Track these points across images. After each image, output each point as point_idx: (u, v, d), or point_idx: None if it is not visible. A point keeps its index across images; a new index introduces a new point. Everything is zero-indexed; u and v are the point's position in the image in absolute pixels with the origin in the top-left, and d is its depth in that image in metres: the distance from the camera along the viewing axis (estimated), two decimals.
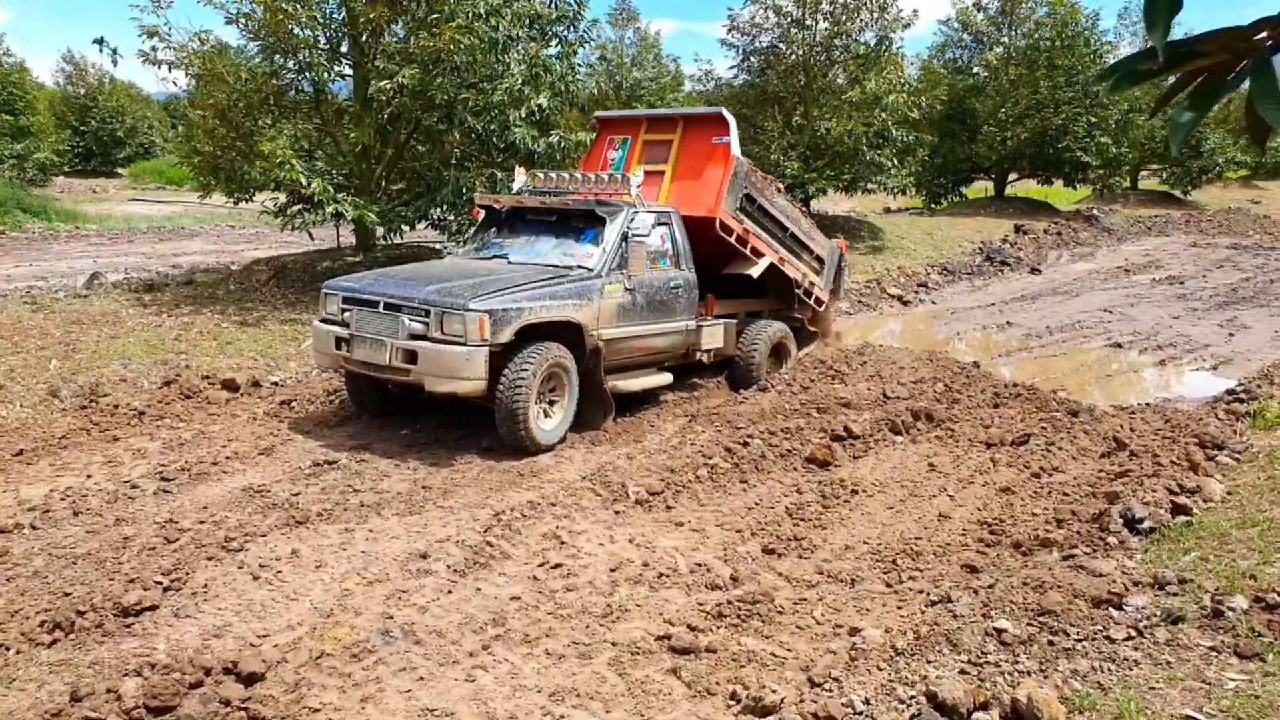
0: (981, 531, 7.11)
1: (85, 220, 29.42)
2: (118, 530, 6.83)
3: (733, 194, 11.09)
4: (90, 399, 9.96)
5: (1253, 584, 5.36)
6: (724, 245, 11.23)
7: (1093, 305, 19.44)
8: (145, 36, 14.67)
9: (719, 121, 11.51)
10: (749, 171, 11.52)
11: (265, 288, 15.76)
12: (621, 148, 12.23)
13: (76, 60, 52.67)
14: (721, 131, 11.42)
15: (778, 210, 11.97)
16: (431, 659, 5.17)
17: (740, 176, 11.21)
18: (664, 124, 12.17)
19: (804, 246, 12.49)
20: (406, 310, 8.75)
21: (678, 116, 12.24)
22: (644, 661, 5.16)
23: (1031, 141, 34.17)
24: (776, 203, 12.01)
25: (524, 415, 8.65)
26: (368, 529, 7.00)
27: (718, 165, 11.27)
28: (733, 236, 11.10)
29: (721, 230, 10.94)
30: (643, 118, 12.70)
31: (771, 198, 11.92)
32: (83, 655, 5.14)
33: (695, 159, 11.55)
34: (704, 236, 10.97)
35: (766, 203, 11.74)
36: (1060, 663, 4.77)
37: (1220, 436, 8.99)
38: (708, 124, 11.69)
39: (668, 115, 12.60)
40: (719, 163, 11.27)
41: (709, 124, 11.67)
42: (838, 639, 5.42)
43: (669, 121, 12.16)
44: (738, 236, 11.16)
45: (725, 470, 8.40)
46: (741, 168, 11.26)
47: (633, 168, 11.07)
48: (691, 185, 11.38)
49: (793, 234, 12.23)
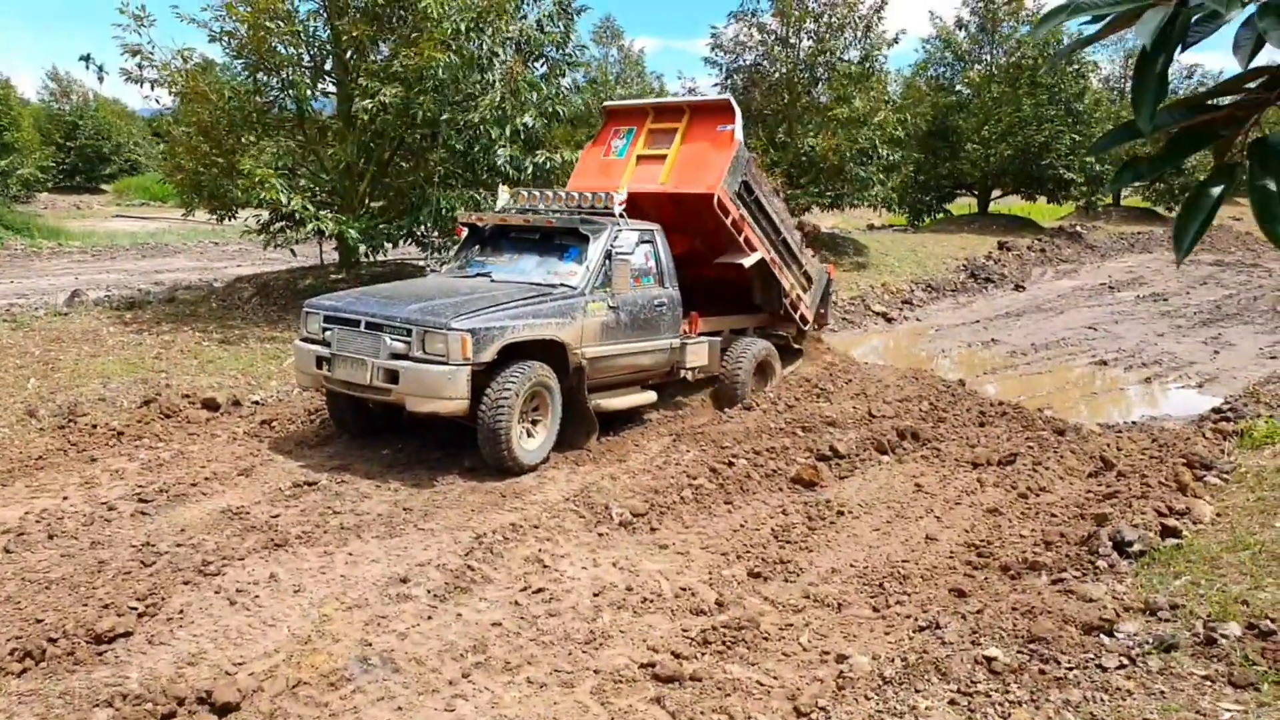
0: (969, 554, 7.04)
1: (68, 237, 29.23)
2: (93, 554, 6.70)
3: (733, 175, 11.13)
4: (68, 419, 9.83)
5: (1245, 610, 5.30)
6: (719, 236, 11.30)
7: (1077, 322, 19.46)
8: (128, 54, 14.58)
9: (725, 109, 11.57)
10: (750, 160, 11.64)
11: (248, 305, 15.64)
12: (627, 136, 12.27)
13: (61, 77, 52.52)
14: (727, 119, 11.47)
15: (774, 211, 12.01)
16: (410, 687, 5.06)
17: (742, 160, 11.29)
18: (671, 113, 12.21)
19: (795, 258, 12.47)
20: (388, 329, 8.66)
21: (684, 105, 12.30)
22: (627, 690, 5.06)
23: (1015, 158, 34.29)
24: (774, 203, 12.09)
25: (506, 435, 8.56)
26: (347, 552, 6.89)
27: (721, 149, 11.31)
28: (729, 219, 11.09)
29: (719, 209, 10.93)
30: (649, 107, 12.72)
31: (769, 196, 12.00)
32: (53, 685, 5.02)
33: (699, 143, 11.60)
34: (700, 225, 11.07)
35: (764, 198, 11.81)
36: (1052, 692, 4.69)
37: (1208, 456, 8.94)
38: (714, 113, 11.75)
39: (675, 104, 12.64)
40: (723, 147, 11.31)
41: (715, 112, 11.73)
42: (824, 666, 5.34)
43: (676, 111, 12.20)
44: (733, 221, 11.16)
45: (710, 491, 8.32)
46: (744, 152, 11.37)
47: (636, 150, 11.44)
48: (692, 166, 11.42)
49: (785, 240, 12.22)
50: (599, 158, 12.46)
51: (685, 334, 10.91)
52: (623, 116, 12.75)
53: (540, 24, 16.42)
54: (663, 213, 11.33)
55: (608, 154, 12.24)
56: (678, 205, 11.43)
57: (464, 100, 14.78)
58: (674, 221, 11.34)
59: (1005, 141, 34.00)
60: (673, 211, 11.43)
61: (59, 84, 52.51)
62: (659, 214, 11.24)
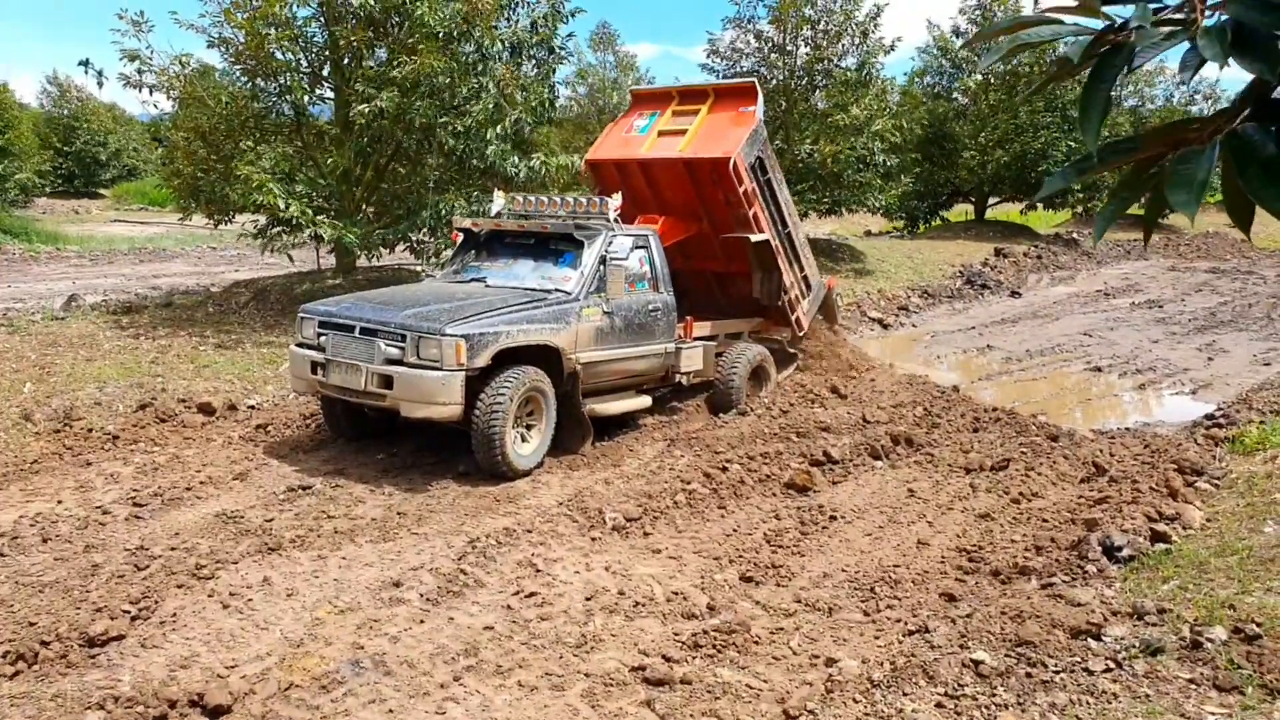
0: (960, 559, 7.07)
1: (66, 241, 29.23)
2: (87, 557, 6.73)
3: (750, 146, 11.45)
4: (64, 423, 9.85)
5: (1232, 614, 5.32)
6: (727, 213, 11.59)
7: (1072, 329, 19.49)
8: (126, 60, 14.63)
9: (749, 93, 12.01)
10: (768, 140, 12.03)
11: (244, 310, 15.66)
12: (650, 118, 12.57)
13: (60, 81, 52.49)
14: (750, 101, 11.87)
15: (783, 200, 12.29)
16: (402, 690, 5.09)
17: (760, 135, 11.71)
18: (695, 97, 12.55)
19: (798, 257, 12.57)
20: (382, 334, 8.68)
21: (709, 88, 12.72)
22: (617, 693, 5.09)
23: (1011, 165, 34.33)
24: (784, 191, 12.37)
25: (501, 440, 8.58)
26: (341, 556, 6.92)
27: (741, 125, 11.64)
28: (741, 188, 11.27)
29: (733, 173, 11.13)
30: (675, 91, 13.02)
31: (780, 182, 12.31)
32: (45, 688, 5.04)
33: (720, 120, 11.96)
34: (711, 196, 11.46)
35: (775, 182, 12.13)
36: (1038, 695, 4.72)
37: (1200, 462, 8.97)
38: (738, 95, 12.16)
39: (700, 88, 12.99)
40: (743, 123, 11.65)
41: (739, 95, 12.14)
42: (814, 670, 5.36)
43: (700, 95, 12.55)
44: (745, 192, 11.34)
45: (704, 496, 8.35)
46: (763, 130, 11.81)
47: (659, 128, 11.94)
48: (711, 137, 11.74)
49: (790, 235, 12.38)
50: (621, 134, 12.77)
51: (680, 339, 10.94)
52: (648, 101, 13.09)
53: (535, 25, 16.46)
54: (676, 184, 11.68)
55: (629, 131, 12.56)
56: (692, 173, 11.67)
57: (461, 105, 14.82)
58: (684, 195, 11.68)
59: (1002, 148, 34.05)
60: (686, 181, 11.70)
61: (58, 88, 52.44)
62: (671, 185, 11.64)
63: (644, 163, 12.02)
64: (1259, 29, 1.86)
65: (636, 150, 12.08)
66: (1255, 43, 1.86)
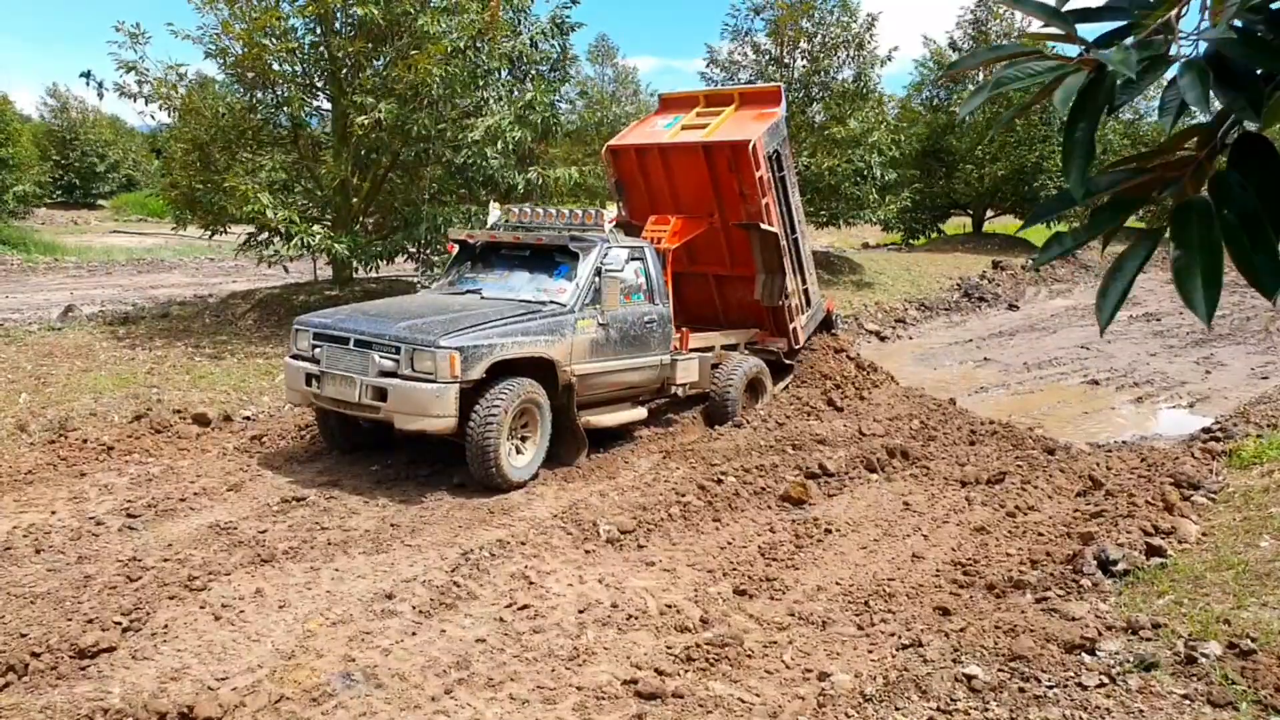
0: (955, 572, 7.05)
1: (64, 252, 29.28)
2: (79, 568, 6.71)
3: (771, 136, 11.82)
4: (59, 433, 9.82)
5: (1227, 629, 5.31)
6: (739, 204, 11.78)
7: (1070, 342, 19.50)
8: (123, 71, 14.64)
9: (775, 97, 12.46)
10: (788, 140, 12.40)
11: (241, 321, 15.66)
12: (675, 119, 12.87)
13: (60, 93, 52.59)
14: (774, 104, 12.29)
15: (794, 204, 12.53)
16: (393, 703, 5.06)
17: (782, 130, 12.14)
18: (721, 100, 12.98)
19: (802, 267, 12.70)
20: (377, 347, 8.67)
21: (735, 93, 13.12)
22: (609, 707, 5.06)
23: (1009, 178, 34.39)
24: (795, 196, 12.61)
25: (495, 452, 8.56)
26: (334, 568, 6.90)
27: (763, 120, 11.97)
28: (758, 174, 11.45)
29: (751, 155, 11.33)
30: (701, 95, 13.43)
31: (794, 184, 12.58)
32: (35, 700, 5.01)
33: (743, 115, 12.33)
34: (726, 184, 11.71)
35: (790, 183, 12.40)
36: (1031, 710, 4.70)
37: (1196, 476, 8.96)
38: (763, 99, 12.54)
39: (726, 93, 13.53)
40: (764, 120, 11.99)
41: (764, 100, 12.53)
42: (807, 684, 5.34)
43: (726, 98, 12.95)
44: (760, 179, 11.52)
45: (698, 508, 8.32)
46: (784, 128, 12.19)
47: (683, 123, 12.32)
48: (734, 128, 12.05)
49: (797, 241, 12.56)
50: (646, 129, 13.12)
51: (676, 350, 10.93)
52: (674, 105, 13.40)
53: (534, 41, 16.49)
54: (692, 172, 11.90)
55: (654, 127, 12.91)
56: (710, 160, 11.84)
57: (462, 118, 14.83)
58: (699, 184, 11.90)
59: (999, 161, 34.12)
60: (704, 169, 11.87)
61: (58, 100, 52.54)
62: (688, 173, 11.90)
63: (664, 148, 12.25)
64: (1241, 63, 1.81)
65: (659, 139, 12.40)
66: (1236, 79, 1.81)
